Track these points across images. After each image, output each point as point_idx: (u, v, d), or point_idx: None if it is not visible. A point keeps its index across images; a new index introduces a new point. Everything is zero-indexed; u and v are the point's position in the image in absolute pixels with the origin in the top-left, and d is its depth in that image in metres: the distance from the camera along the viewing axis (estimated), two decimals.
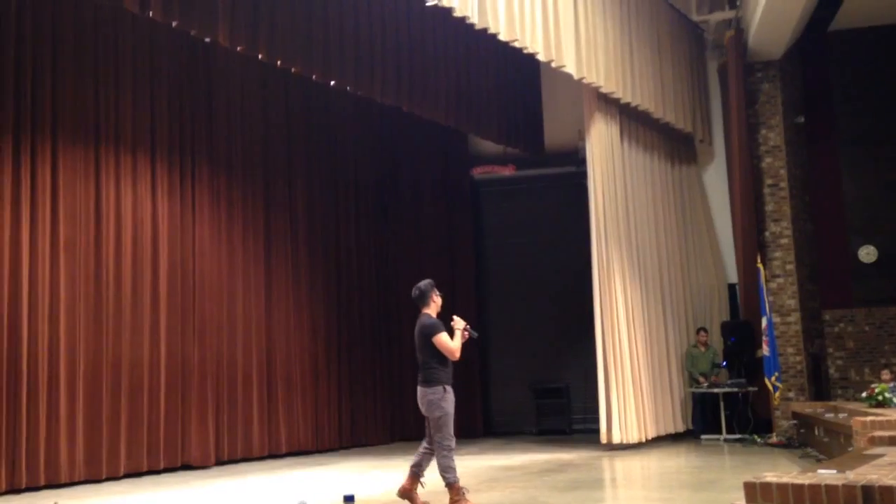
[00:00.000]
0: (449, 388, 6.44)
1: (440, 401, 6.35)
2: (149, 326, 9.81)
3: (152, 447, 9.63)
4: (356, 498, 7.14)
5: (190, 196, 10.56)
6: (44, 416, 8.63)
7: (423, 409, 6.45)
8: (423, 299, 6.63)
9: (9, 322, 8.49)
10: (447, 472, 6.29)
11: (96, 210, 9.49)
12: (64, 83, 9.28)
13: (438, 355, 6.43)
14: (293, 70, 9.85)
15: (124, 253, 9.67)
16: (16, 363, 8.49)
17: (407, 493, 6.57)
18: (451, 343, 6.42)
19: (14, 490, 8.25)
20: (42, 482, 8.49)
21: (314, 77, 10.10)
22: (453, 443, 6.37)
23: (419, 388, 6.49)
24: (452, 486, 6.31)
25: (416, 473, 6.58)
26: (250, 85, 11.47)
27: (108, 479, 9.04)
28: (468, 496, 6.36)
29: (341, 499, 7.09)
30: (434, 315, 6.60)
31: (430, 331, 6.43)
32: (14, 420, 8.39)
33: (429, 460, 6.57)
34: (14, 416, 8.40)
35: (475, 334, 6.67)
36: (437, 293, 6.68)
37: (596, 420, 10.88)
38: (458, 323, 6.52)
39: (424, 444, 6.55)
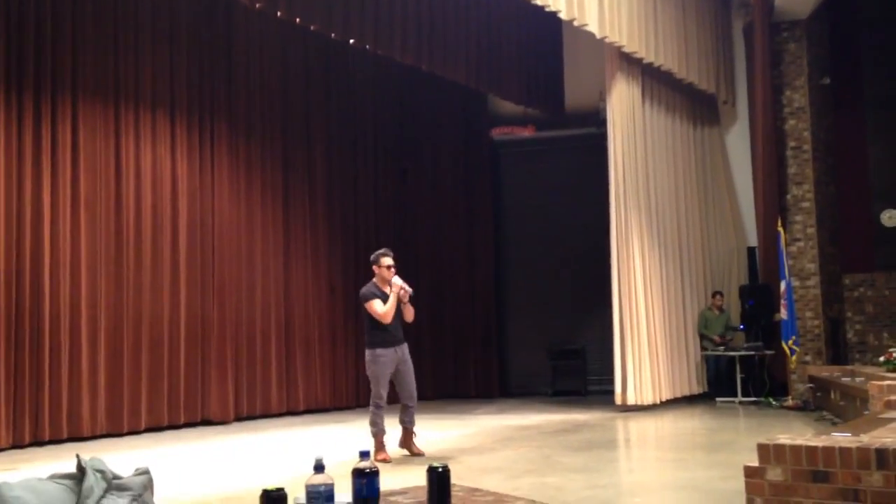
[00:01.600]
0: (381, 351, 6.93)
1: (370, 362, 6.97)
2: (169, 284, 9.91)
3: (173, 402, 9.79)
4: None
5: (209, 155, 10.60)
6: (66, 371, 8.79)
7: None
8: (372, 265, 7.16)
9: (31, 279, 8.61)
10: (373, 425, 6.98)
11: (116, 169, 9.55)
12: (84, 42, 9.29)
13: (372, 320, 6.95)
14: (312, 28, 9.79)
15: (144, 211, 9.75)
16: (38, 319, 8.62)
17: (405, 445, 7.21)
18: (379, 308, 6.87)
19: (37, 443, 8.45)
20: (65, 435, 8.67)
21: (333, 35, 10.02)
22: (382, 402, 6.97)
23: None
24: (375, 437, 6.99)
25: (406, 428, 7.19)
26: (269, 44, 11.41)
27: (130, 433, 9.21)
28: (387, 450, 6.97)
29: (357, 455, 7.17)
30: (380, 284, 7.04)
31: (362, 299, 7.00)
32: (37, 375, 8.55)
33: (410, 413, 7.17)
34: (37, 370, 8.56)
35: (410, 291, 7.04)
36: (382, 264, 7.05)
37: (611, 382, 10.91)
38: (395, 284, 6.94)
39: (403, 401, 7.18)
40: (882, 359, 8.72)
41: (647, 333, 10.85)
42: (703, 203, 12.68)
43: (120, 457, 7.65)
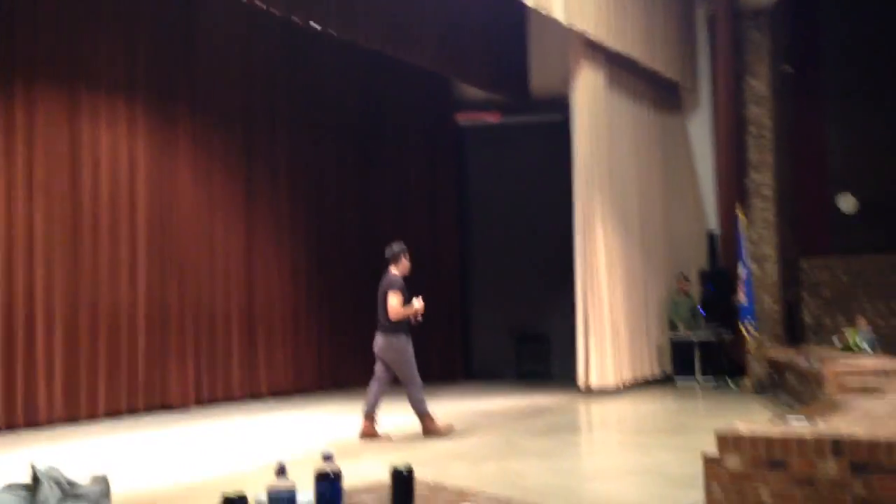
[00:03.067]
0: (406, 338, 7.35)
1: (405, 348, 7.29)
2: (127, 268, 9.75)
3: (131, 388, 9.66)
4: (335, 445, 7.22)
5: (169, 139, 10.41)
6: (22, 357, 8.62)
7: (381, 353, 7.36)
8: (395, 259, 7.44)
9: None
10: (419, 405, 7.26)
11: (73, 152, 9.34)
12: (41, 21, 9.04)
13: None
14: (275, 12, 9.64)
15: (102, 195, 9.56)
16: None
17: (367, 433, 7.30)
18: (398, 305, 7.20)
19: None
20: (21, 423, 8.52)
21: (297, 20, 9.89)
22: (419, 380, 7.30)
23: (379, 336, 7.37)
24: (425, 416, 7.28)
25: (370, 413, 7.35)
26: (232, 28, 11.22)
27: (87, 419, 9.08)
28: (438, 422, 7.28)
29: (319, 457, 7.16)
30: (400, 276, 7.38)
31: (395, 285, 7.26)
32: None
33: (381, 401, 7.37)
34: None
35: (417, 322, 7.45)
36: (407, 256, 7.48)
37: (574, 365, 11.02)
38: (417, 304, 7.29)
39: (385, 386, 7.37)
40: (836, 341, 8.92)
41: (609, 317, 10.97)
42: (665, 189, 12.81)
43: (77, 445, 7.55)
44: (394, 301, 7.19)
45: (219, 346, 10.79)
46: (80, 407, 9.07)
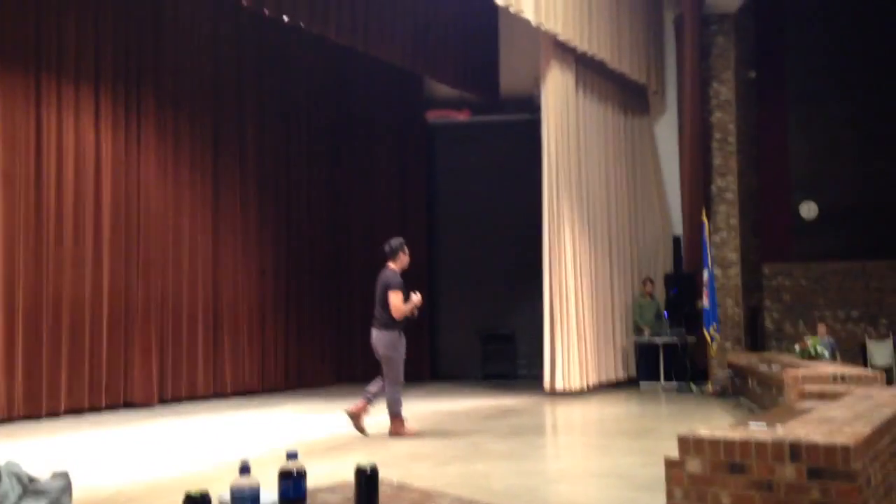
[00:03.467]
0: (400, 335, 7.35)
1: (397, 344, 7.28)
2: (91, 262, 9.62)
3: (94, 385, 9.54)
4: (300, 444, 7.20)
5: (135, 130, 10.29)
6: None
7: (374, 346, 7.34)
8: (393, 255, 7.44)
9: None
10: (394, 404, 7.30)
11: (37, 141, 9.19)
12: (3, 10, 8.87)
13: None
14: (246, 4, 9.57)
15: (66, 186, 9.42)
16: None
17: (356, 414, 7.33)
18: (399, 303, 7.23)
19: None
20: None
21: (267, 12, 9.83)
22: (401, 378, 7.33)
23: (375, 331, 7.33)
24: (396, 416, 7.32)
25: (368, 401, 7.38)
26: (200, 17, 11.12)
27: (49, 416, 8.95)
28: (408, 426, 7.37)
29: (284, 455, 7.13)
30: (398, 270, 7.41)
31: (393, 284, 7.28)
32: None
33: (378, 397, 7.41)
34: None
35: (415, 316, 7.50)
36: (406, 251, 7.50)
37: (540, 366, 11.08)
38: (415, 298, 7.32)
39: (380, 380, 7.42)
40: (797, 347, 9.07)
41: (576, 319, 11.04)
42: (632, 191, 12.93)
43: (38, 441, 7.44)
44: (395, 300, 7.23)
45: (183, 343, 10.69)
46: (41, 403, 8.94)
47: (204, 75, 11.20)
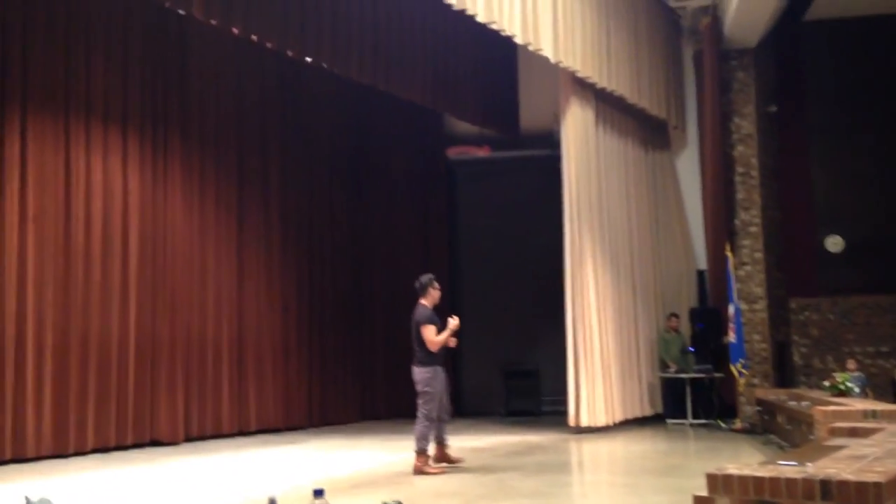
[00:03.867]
0: (438, 369, 7.51)
1: (431, 378, 7.42)
2: (118, 300, 9.73)
3: (121, 422, 9.59)
4: (325, 481, 7.18)
5: (162, 169, 10.45)
6: (10, 389, 8.56)
7: (415, 385, 7.51)
8: (423, 290, 7.69)
9: None
10: (422, 440, 7.35)
11: (66, 182, 9.36)
12: (34, 52, 9.11)
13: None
14: (268, 45, 9.76)
15: (94, 225, 9.57)
16: None
17: (442, 458, 7.65)
18: (433, 336, 7.42)
19: None
20: (8, 456, 8.43)
21: (290, 53, 10.01)
22: (435, 417, 7.44)
23: (413, 367, 7.54)
24: (422, 453, 7.35)
25: (440, 443, 7.66)
26: (225, 58, 11.33)
27: (76, 454, 9.00)
28: (432, 463, 7.47)
29: (310, 492, 7.12)
30: (430, 306, 7.63)
31: (422, 320, 7.48)
32: None
33: (445, 428, 7.66)
34: None
35: (453, 343, 7.66)
36: (436, 286, 7.74)
37: (565, 402, 10.99)
38: (452, 323, 7.46)
39: (441, 415, 7.57)
40: (826, 383, 8.94)
41: (600, 355, 10.97)
42: (654, 226, 12.89)
43: (67, 479, 7.47)
44: (428, 334, 7.42)
45: (208, 380, 10.74)
46: (68, 441, 8.99)
47: (228, 114, 11.39)
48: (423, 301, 7.66)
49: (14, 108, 8.91)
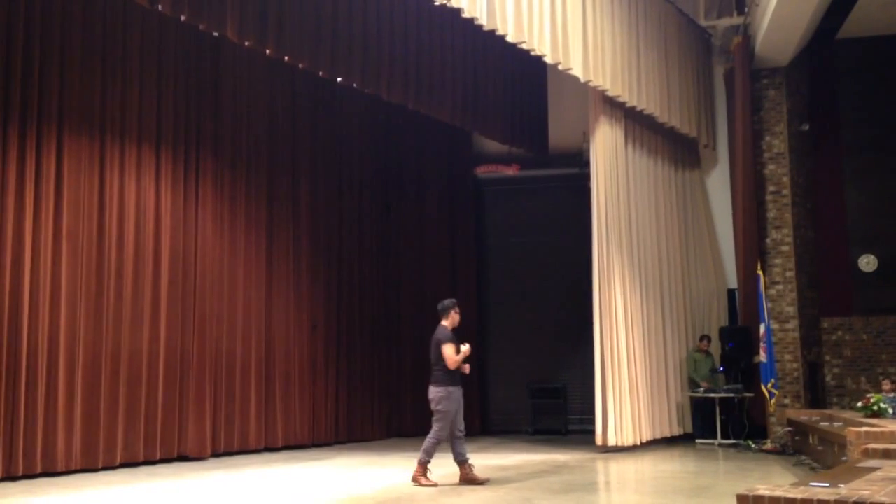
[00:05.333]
0: (453, 389, 7.75)
1: (444, 398, 7.65)
2: (149, 318, 9.84)
3: (149, 438, 9.67)
4: (351, 498, 7.18)
5: (194, 189, 10.59)
6: (42, 404, 8.66)
7: (431, 403, 7.74)
8: (445, 313, 8.02)
9: (9, 311, 8.51)
10: (426, 452, 7.61)
11: (100, 201, 9.51)
12: (71, 75, 9.29)
13: (444, 360, 7.74)
14: (300, 66, 9.88)
15: (126, 244, 9.70)
16: (16, 352, 8.51)
17: (467, 479, 7.72)
18: (452, 353, 7.73)
19: (10, 478, 8.29)
20: (38, 470, 8.52)
21: (321, 74, 10.13)
22: (445, 436, 7.66)
23: (430, 386, 7.80)
24: (423, 464, 7.61)
25: (462, 462, 7.76)
26: (257, 80, 11.49)
27: (105, 468, 9.08)
28: (430, 476, 7.66)
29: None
30: (450, 328, 7.92)
31: (443, 339, 7.79)
32: (12, 408, 8.42)
33: (461, 444, 7.78)
34: (12, 404, 8.43)
35: (467, 370, 7.97)
36: (457, 311, 8.06)
37: (592, 421, 10.91)
38: (464, 348, 7.81)
39: (454, 431, 7.75)
40: (859, 404, 8.79)
41: (628, 373, 10.88)
42: (684, 244, 12.80)
43: (96, 494, 7.54)
44: (448, 351, 7.71)
45: (236, 396, 10.81)
46: (97, 456, 9.07)
47: (260, 135, 11.53)
48: (443, 322, 7.97)
49: (51, 129, 9.08)
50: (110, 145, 9.63)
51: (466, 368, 7.93)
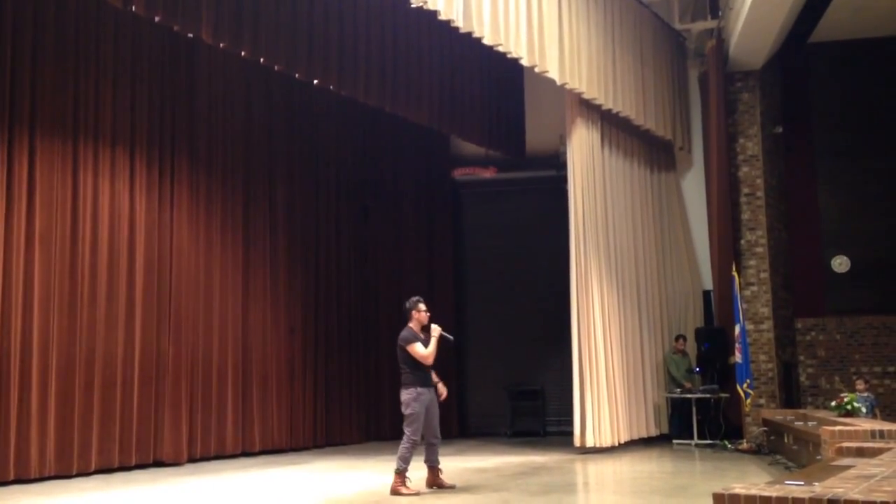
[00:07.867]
0: (421, 389, 7.44)
1: (412, 400, 7.39)
2: (124, 322, 9.73)
3: (124, 443, 9.56)
4: (329, 502, 7.14)
5: (168, 192, 10.49)
6: (15, 409, 8.54)
7: (401, 407, 7.47)
8: (408, 315, 7.72)
9: None
10: (402, 460, 7.29)
11: (73, 204, 9.39)
12: (43, 76, 9.18)
13: (410, 361, 7.46)
14: (276, 68, 9.83)
15: (101, 248, 9.59)
16: None
17: (434, 483, 7.58)
18: (422, 350, 7.43)
19: None
20: (11, 477, 8.40)
21: (297, 76, 10.09)
22: (419, 438, 7.38)
23: (400, 390, 7.52)
24: (401, 474, 7.29)
25: (432, 466, 7.59)
26: (232, 82, 11.41)
27: (79, 474, 8.96)
28: (409, 485, 7.33)
29: None
30: (416, 328, 7.62)
31: (404, 342, 7.49)
32: None
33: (434, 452, 7.57)
34: None
35: (450, 338, 7.73)
36: (420, 309, 7.69)
37: (570, 423, 10.95)
38: (435, 330, 7.50)
39: (428, 438, 7.54)
40: (833, 403, 8.90)
41: (605, 375, 10.93)
42: (660, 246, 12.89)
43: (68, 501, 7.45)
44: (416, 350, 7.42)
45: (213, 401, 10.71)
46: (72, 462, 8.96)
47: (236, 137, 11.45)
48: (410, 324, 7.65)
49: (23, 131, 8.96)
50: (83, 147, 9.52)
51: (446, 338, 7.55)
